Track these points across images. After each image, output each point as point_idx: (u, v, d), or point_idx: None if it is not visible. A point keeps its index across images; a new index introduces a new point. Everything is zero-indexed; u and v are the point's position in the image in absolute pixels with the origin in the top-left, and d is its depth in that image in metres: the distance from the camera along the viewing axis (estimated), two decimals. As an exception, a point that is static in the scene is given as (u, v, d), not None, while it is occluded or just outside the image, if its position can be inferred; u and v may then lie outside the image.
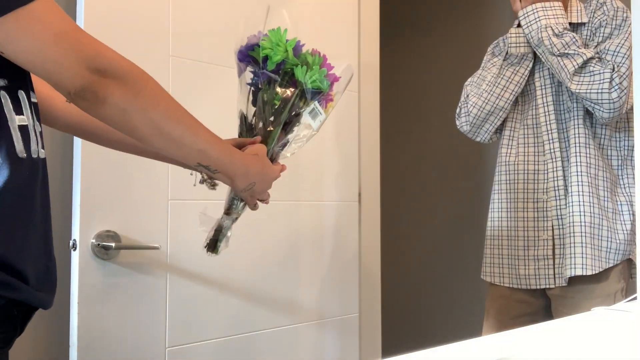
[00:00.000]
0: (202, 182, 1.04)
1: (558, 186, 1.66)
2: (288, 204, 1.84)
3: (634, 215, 1.63)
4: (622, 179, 1.66)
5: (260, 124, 1.08)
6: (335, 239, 1.97)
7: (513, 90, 1.73)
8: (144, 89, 0.79)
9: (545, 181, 1.68)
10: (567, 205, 1.63)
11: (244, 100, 1.11)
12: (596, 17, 1.66)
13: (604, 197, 1.62)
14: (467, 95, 1.82)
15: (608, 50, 1.58)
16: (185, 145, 0.86)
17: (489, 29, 2.96)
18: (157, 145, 0.85)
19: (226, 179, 0.96)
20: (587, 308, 1.39)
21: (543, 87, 1.71)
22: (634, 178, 1.64)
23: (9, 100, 0.75)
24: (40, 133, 0.83)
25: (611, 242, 1.61)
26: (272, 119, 1.07)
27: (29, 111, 0.78)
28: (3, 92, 0.75)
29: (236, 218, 1.10)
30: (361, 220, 2.07)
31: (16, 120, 0.76)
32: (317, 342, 1.92)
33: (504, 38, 1.83)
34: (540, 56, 1.66)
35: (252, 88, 1.11)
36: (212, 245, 1.09)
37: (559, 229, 1.65)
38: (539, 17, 1.63)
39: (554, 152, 1.67)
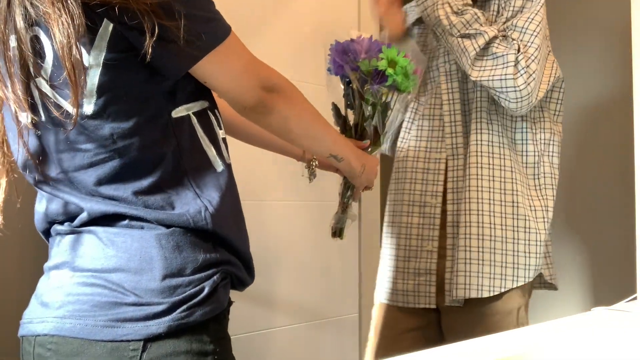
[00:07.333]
0: (309, 169, 1.20)
1: (457, 188, 1.37)
2: (288, 204, 1.84)
3: (549, 222, 1.37)
4: (538, 178, 1.38)
5: (365, 129, 1.20)
6: (335, 239, 1.97)
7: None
8: (297, 99, 0.95)
9: (436, 183, 1.39)
10: (464, 212, 1.34)
11: (338, 99, 1.22)
12: None
13: (513, 202, 1.33)
14: None
15: (515, 26, 1.28)
16: (323, 141, 1.04)
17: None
18: (304, 143, 1.04)
19: (346, 165, 1.11)
20: (485, 327, 1.29)
21: (448, 73, 1.42)
22: (551, 177, 1.38)
23: (214, 118, 0.88)
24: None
25: (519, 256, 1.33)
26: (380, 123, 1.19)
27: (222, 125, 0.92)
28: (209, 112, 0.88)
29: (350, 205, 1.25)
30: (361, 220, 2.07)
31: (220, 134, 0.89)
32: (316, 342, 1.92)
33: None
34: (440, 37, 1.37)
35: (347, 92, 1.21)
36: (339, 233, 1.26)
37: (452, 238, 1.37)
38: None
39: (456, 148, 1.38)
